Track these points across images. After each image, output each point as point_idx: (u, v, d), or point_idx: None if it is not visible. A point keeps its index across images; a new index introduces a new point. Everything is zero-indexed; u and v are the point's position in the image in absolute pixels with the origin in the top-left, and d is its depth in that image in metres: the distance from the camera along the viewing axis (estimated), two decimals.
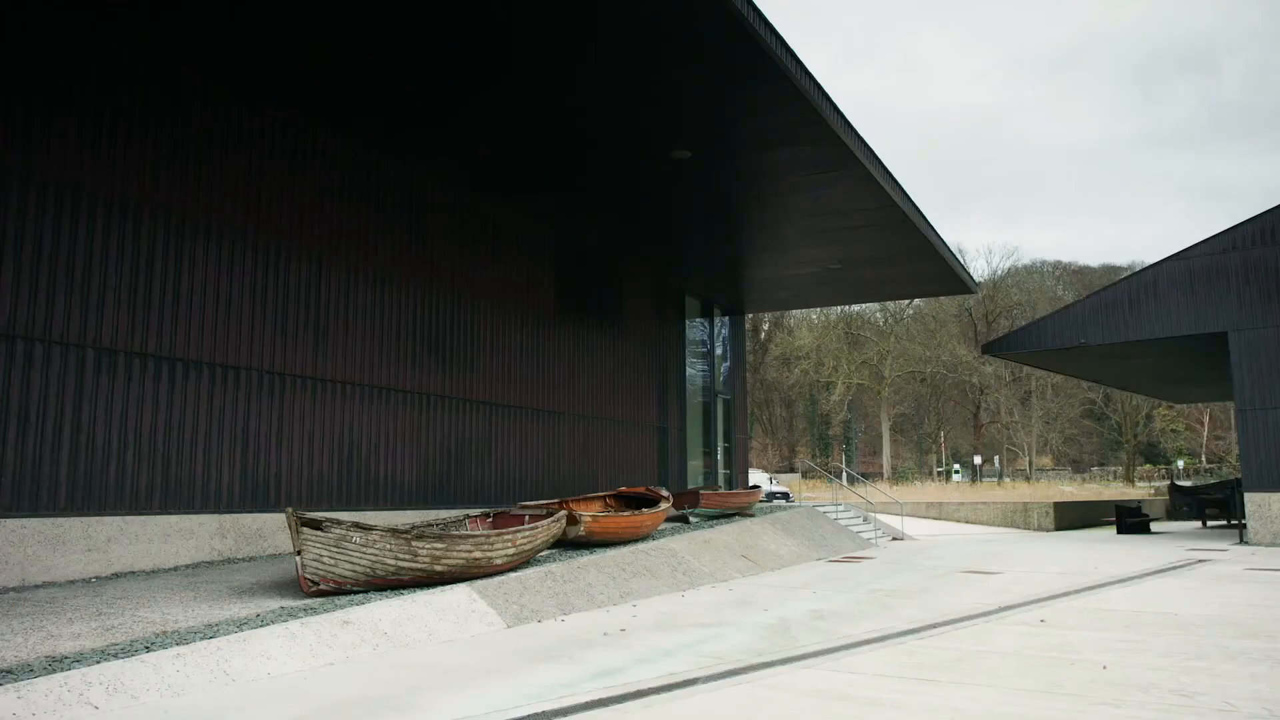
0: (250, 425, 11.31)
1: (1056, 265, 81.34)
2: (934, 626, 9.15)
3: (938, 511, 32.18)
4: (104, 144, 9.94)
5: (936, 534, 24.71)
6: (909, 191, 16.37)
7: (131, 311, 10.12)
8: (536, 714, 5.61)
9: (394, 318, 13.51)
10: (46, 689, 5.40)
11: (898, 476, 60.58)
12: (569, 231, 17.38)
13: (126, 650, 6.15)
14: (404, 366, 13.63)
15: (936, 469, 69.17)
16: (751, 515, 17.77)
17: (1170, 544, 20.88)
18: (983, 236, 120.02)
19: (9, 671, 5.56)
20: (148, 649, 6.20)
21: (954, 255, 20.56)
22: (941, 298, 53.13)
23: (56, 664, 5.76)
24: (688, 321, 22.47)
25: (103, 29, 9.88)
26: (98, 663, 5.82)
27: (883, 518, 24.53)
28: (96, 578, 9.39)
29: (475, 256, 15.21)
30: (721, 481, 23.29)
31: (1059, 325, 24.91)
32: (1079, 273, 78.51)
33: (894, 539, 21.94)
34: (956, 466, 69.06)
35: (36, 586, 8.82)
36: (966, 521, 30.39)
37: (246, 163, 11.46)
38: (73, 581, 9.14)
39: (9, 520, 8.83)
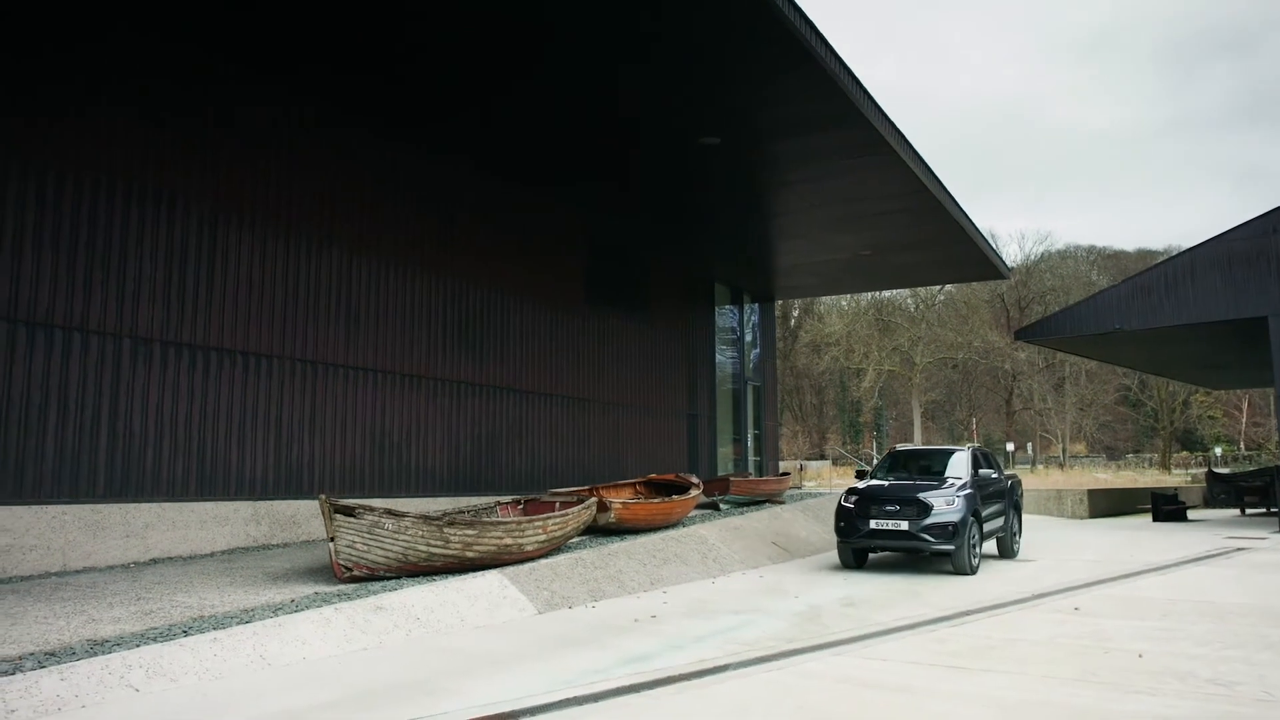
0: (283, 413, 11.43)
1: (1090, 250, 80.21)
2: (965, 614, 9.10)
3: None
4: (139, 136, 10.05)
5: None
6: (940, 177, 16.21)
7: (166, 301, 10.25)
8: (568, 699, 5.65)
9: (425, 306, 13.58)
10: (88, 671, 5.50)
11: None
12: (598, 219, 17.37)
13: (165, 634, 6.25)
14: (435, 354, 13.71)
15: None
16: (782, 502, 17.74)
17: (1207, 532, 20.60)
18: (1015, 222, 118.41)
19: (52, 654, 5.67)
20: (186, 633, 6.30)
21: (986, 240, 20.35)
22: (973, 283, 52.58)
23: (98, 647, 5.87)
24: (717, 309, 22.42)
25: (141, 22, 9.97)
26: (137, 646, 5.92)
27: None
28: (135, 563, 9.55)
29: (505, 245, 15.24)
30: (752, 468, 23.25)
31: (1093, 310, 24.58)
32: (1114, 257, 77.37)
33: None
34: None
35: (77, 571, 8.99)
36: None
37: (278, 155, 11.55)
38: (112, 567, 9.30)
39: (50, 506, 8.99)
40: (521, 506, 11.63)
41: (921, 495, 12.31)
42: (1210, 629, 8.25)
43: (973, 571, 12.19)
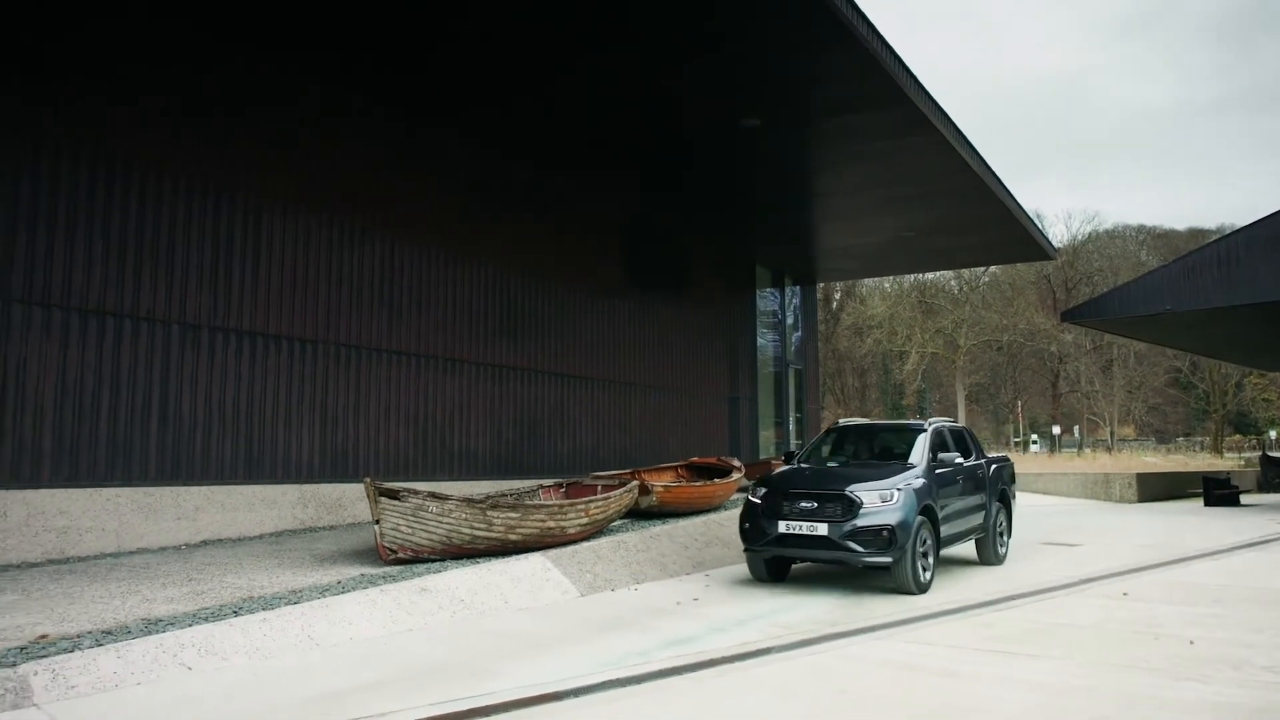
0: (328, 398, 11.58)
1: (1140, 230, 78.54)
2: (1011, 598, 9.01)
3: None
4: (187, 128, 10.19)
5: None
6: (984, 156, 15.95)
7: (214, 289, 10.40)
8: (612, 681, 5.68)
9: (466, 291, 13.65)
10: (144, 650, 5.63)
11: None
12: (639, 203, 17.33)
13: (216, 614, 6.38)
14: (477, 339, 13.79)
15: (1013, 439, 67.77)
16: None
17: (1260, 517, 20.16)
18: (1061, 201, 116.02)
19: (109, 632, 5.81)
20: (236, 613, 6.42)
21: (1031, 220, 20.01)
22: (1018, 265, 51.78)
23: (152, 626, 6.00)
24: (758, 291, 22.30)
25: (190, 16, 10.08)
26: (190, 626, 6.04)
27: None
28: (186, 545, 9.74)
29: (547, 229, 15.26)
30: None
31: (1142, 291, 24.09)
32: (1164, 237, 75.71)
33: None
34: (1034, 436, 67.59)
35: (131, 553, 9.19)
36: (1044, 493, 29.74)
37: (321, 145, 11.64)
38: (164, 548, 9.50)
39: (105, 489, 9.20)
40: (564, 490, 11.68)
41: (850, 488, 9.31)
42: (1265, 616, 8.09)
43: (920, 590, 9.24)
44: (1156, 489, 28.29)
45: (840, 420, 12.18)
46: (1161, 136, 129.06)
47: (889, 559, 9.11)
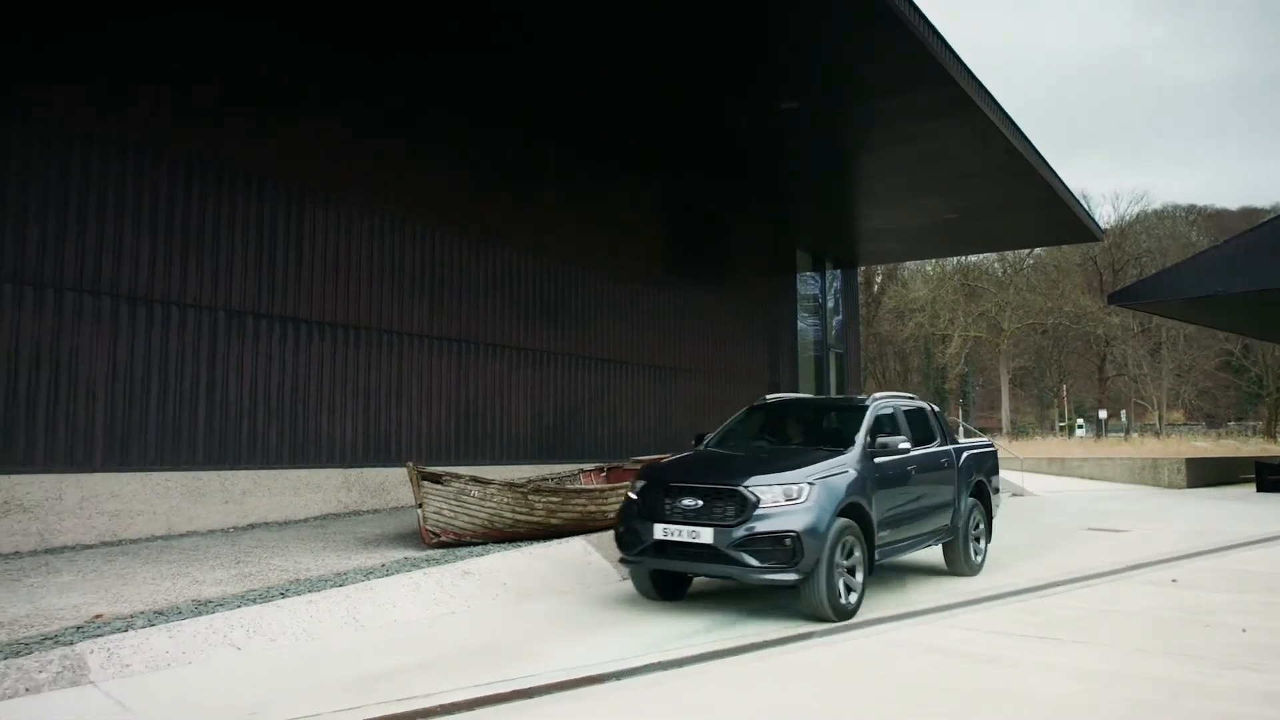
0: (371, 383, 11.70)
1: (1190, 209, 76.83)
2: (1056, 584, 8.91)
3: (1060, 467, 31.13)
4: (229, 119, 10.31)
5: (1058, 490, 23.94)
6: (1029, 136, 15.68)
7: (258, 276, 10.55)
8: (655, 664, 5.70)
9: (506, 277, 13.71)
10: (194, 630, 5.75)
11: (1017, 431, 58.77)
12: (678, 187, 17.27)
13: (264, 596, 6.49)
14: (517, 324, 13.85)
15: (1058, 423, 66.85)
16: None
17: None
18: (1109, 181, 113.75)
19: (161, 613, 5.94)
20: (283, 595, 6.53)
21: (1078, 201, 19.66)
22: (1064, 246, 50.96)
23: (202, 607, 6.13)
24: (799, 275, 22.15)
25: (230, 5, 10.20)
26: (238, 607, 6.16)
27: (1002, 473, 23.87)
28: (233, 528, 9.92)
29: (587, 214, 15.27)
30: None
31: (1193, 272, 23.61)
32: (1215, 217, 73.99)
33: (1014, 495, 21.36)
34: (1080, 421, 66.63)
35: (180, 535, 9.38)
36: (1090, 478, 29.33)
37: (362, 132, 11.72)
38: (212, 531, 9.68)
39: (155, 474, 9.39)
40: (604, 474, 11.72)
41: (745, 482, 7.12)
42: None
43: (839, 617, 7.04)
44: (1207, 474, 27.76)
45: (767, 396, 9.88)
46: (1213, 114, 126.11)
47: (792, 577, 6.91)
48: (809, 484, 7.14)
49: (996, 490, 10.43)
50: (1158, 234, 68.27)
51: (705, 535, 7.06)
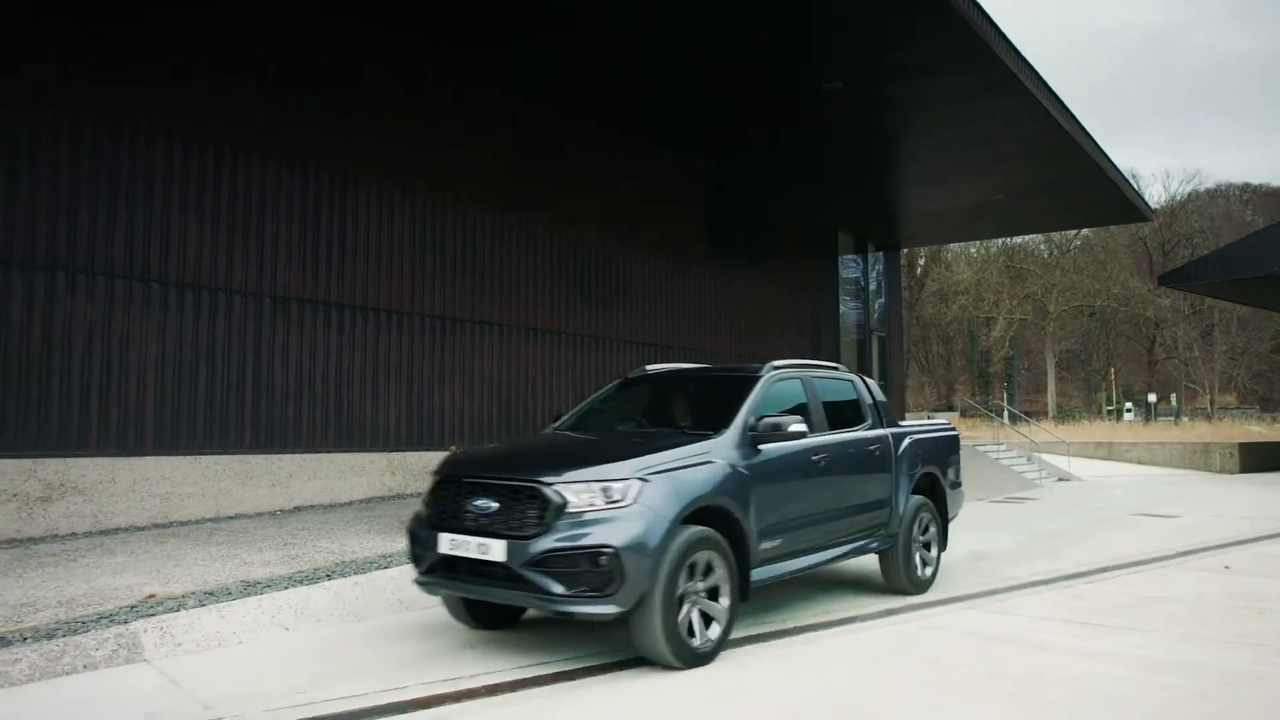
0: (414, 367, 11.81)
1: (1244, 188, 74.95)
2: (1104, 570, 8.78)
3: (1107, 452, 30.65)
4: (273, 104, 10.42)
5: (1106, 475, 23.58)
6: (1076, 114, 15.37)
7: (303, 262, 10.67)
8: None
9: (547, 260, 13.74)
10: (243, 610, 5.86)
11: (1063, 415, 57.95)
12: (718, 170, 17.17)
13: (310, 577, 6.59)
14: (558, 308, 13.88)
15: (1106, 407, 65.80)
16: None
17: None
18: (1159, 160, 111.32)
19: (211, 593, 6.06)
20: (329, 577, 6.61)
21: (1127, 181, 19.26)
22: (1112, 227, 50.00)
23: (250, 588, 6.23)
24: (841, 258, 21.97)
25: None
26: (286, 588, 6.26)
27: (1047, 458, 23.59)
28: (280, 510, 10.08)
29: (626, 198, 15.24)
30: None
31: (1247, 252, 23.06)
32: (1271, 195, 72.10)
33: (1060, 479, 21.09)
34: (1128, 405, 65.54)
35: (229, 518, 9.55)
36: (1139, 462, 28.85)
37: (403, 117, 11.78)
38: (260, 513, 9.84)
39: (204, 457, 9.57)
40: None
41: (547, 477, 5.33)
42: None
43: (684, 661, 5.27)
44: (1261, 459, 27.17)
45: (647, 366, 8.14)
46: (1269, 90, 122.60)
47: (610, 609, 5.06)
48: (639, 480, 5.27)
49: (956, 485, 8.61)
50: (1210, 213, 66.78)
51: (496, 550, 5.19)
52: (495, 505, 5.34)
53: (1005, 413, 30.10)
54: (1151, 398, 59.47)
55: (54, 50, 8.72)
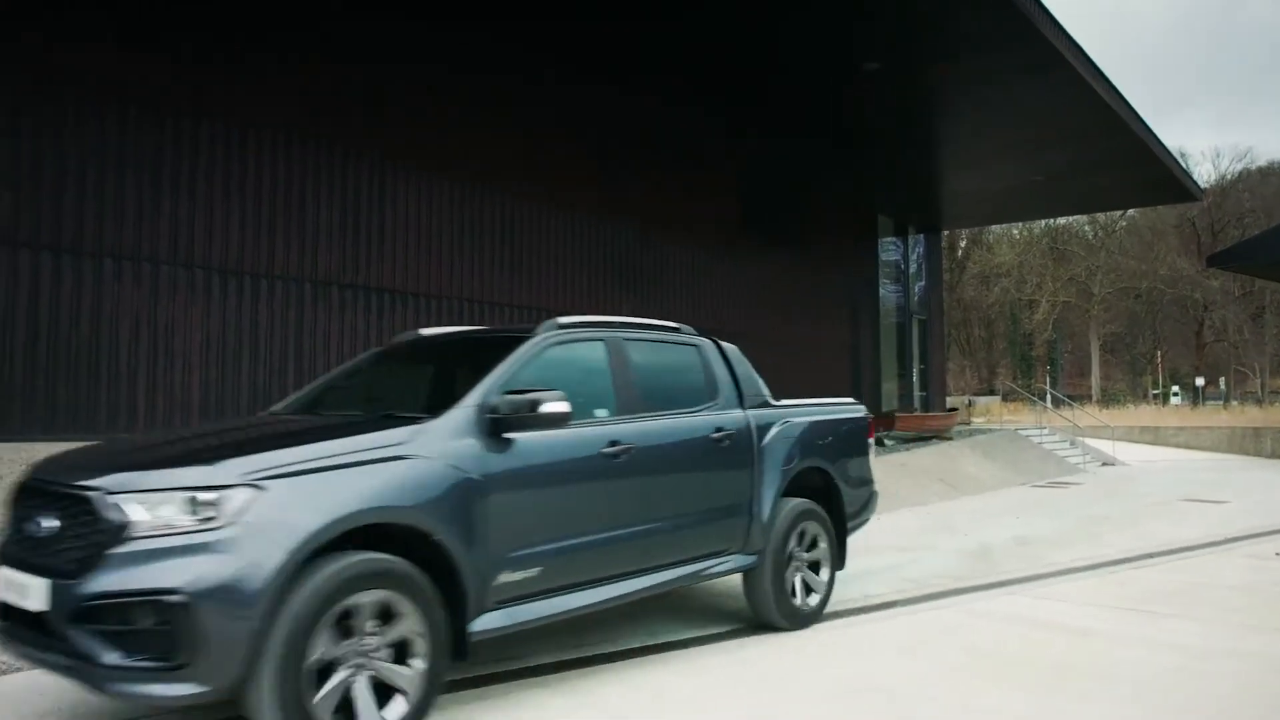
0: None
1: None
2: (1150, 556, 8.64)
3: (1153, 436, 30.15)
4: (313, 90, 10.49)
5: (1152, 460, 23.20)
6: (1123, 92, 15.05)
7: (342, 246, 10.75)
8: (726, 631, 5.70)
9: (584, 244, 13.73)
10: None
11: (1107, 399, 57.03)
12: (756, 153, 17.05)
13: None
14: (595, 292, 13.88)
15: (1151, 391, 64.66)
16: (949, 438, 17.27)
17: None
18: (1208, 138, 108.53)
19: None
20: None
21: (1175, 159, 18.86)
22: (1159, 207, 49.00)
23: None
24: (880, 240, 21.75)
25: None
26: None
27: (1091, 442, 23.25)
28: None
29: (661, 181, 15.17)
30: (917, 404, 22.67)
31: None
32: None
33: (1104, 464, 20.78)
34: (1175, 388, 64.33)
35: None
36: (1186, 447, 28.34)
37: (442, 101, 11.80)
38: None
39: None
40: None
41: (102, 480, 3.47)
42: None
43: None
44: None
45: (421, 330, 6.05)
46: None
47: (185, 690, 3.27)
48: (249, 487, 3.45)
49: (863, 483, 6.70)
50: (1262, 193, 65.16)
51: (36, 592, 3.44)
52: (57, 524, 3.55)
53: (1048, 396, 29.67)
54: (1199, 381, 58.35)
55: (98, 39, 8.83)
